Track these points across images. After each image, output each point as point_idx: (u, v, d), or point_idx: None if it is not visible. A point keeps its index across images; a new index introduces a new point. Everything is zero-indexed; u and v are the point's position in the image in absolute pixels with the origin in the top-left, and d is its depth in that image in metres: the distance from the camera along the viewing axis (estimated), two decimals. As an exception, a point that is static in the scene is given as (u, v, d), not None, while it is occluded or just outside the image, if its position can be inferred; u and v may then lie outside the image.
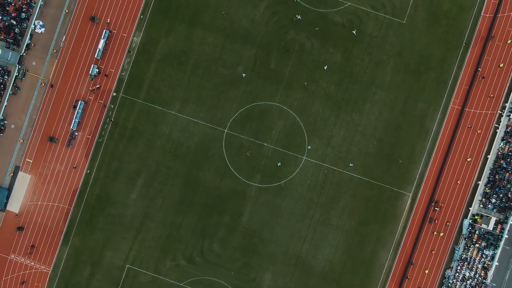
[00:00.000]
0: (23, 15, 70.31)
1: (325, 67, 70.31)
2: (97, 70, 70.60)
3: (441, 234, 70.55)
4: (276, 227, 70.88)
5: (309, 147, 69.80)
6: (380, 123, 70.80)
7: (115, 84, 71.07)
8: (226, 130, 70.88)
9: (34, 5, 70.30)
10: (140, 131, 70.96)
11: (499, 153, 69.77)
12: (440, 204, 70.35)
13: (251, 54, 70.88)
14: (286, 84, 70.85)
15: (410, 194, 70.83)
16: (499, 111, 70.15)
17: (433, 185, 70.79)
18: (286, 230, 70.88)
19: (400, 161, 70.14)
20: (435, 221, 70.44)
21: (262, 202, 70.85)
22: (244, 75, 70.13)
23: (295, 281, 70.84)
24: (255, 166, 70.71)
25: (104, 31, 70.13)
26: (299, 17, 70.21)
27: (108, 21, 70.73)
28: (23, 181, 71.09)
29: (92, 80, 70.87)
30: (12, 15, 70.12)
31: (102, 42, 70.08)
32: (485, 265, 69.70)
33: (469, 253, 70.00)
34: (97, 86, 70.73)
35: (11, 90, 70.50)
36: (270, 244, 70.90)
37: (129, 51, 71.01)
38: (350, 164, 70.29)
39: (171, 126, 70.91)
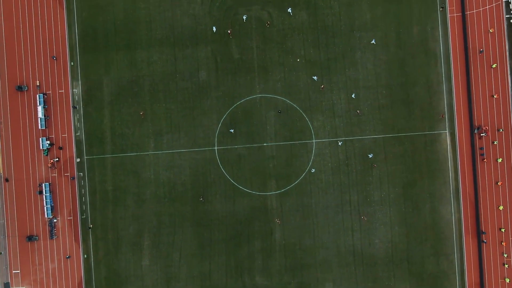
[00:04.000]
0: None
1: (290, 10, 59.33)
2: (48, 142, 59.69)
3: (499, 160, 59.41)
4: (316, 230, 59.76)
5: (312, 170, 59.12)
6: (380, 67, 59.85)
7: (74, 149, 60.16)
8: (216, 147, 59.94)
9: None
10: (123, 188, 59.97)
11: (524, 44, 58.79)
12: (484, 128, 59.27)
13: (207, 52, 60.04)
14: (260, 69, 59.95)
15: (447, 131, 59.76)
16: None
17: (467, 110, 59.73)
18: (328, 228, 59.77)
19: (442, 116, 58.97)
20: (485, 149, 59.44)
21: (288, 209, 59.80)
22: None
23: (361, 279, 59.70)
24: (265, 173, 59.73)
25: (38, 96, 59.30)
26: (242, -10, 59.49)
27: (38, 84, 59.92)
28: (19, 296, 60.13)
29: (47, 155, 59.95)
30: None
31: (40, 109, 59.22)
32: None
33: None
34: (55, 160, 59.81)
35: (-37, 204, 59.66)
36: (316, 251, 59.76)
37: (74, 107, 60.13)
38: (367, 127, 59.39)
39: (154, 168, 59.92)
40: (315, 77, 59.21)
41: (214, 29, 59.41)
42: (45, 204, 59.26)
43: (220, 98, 59.99)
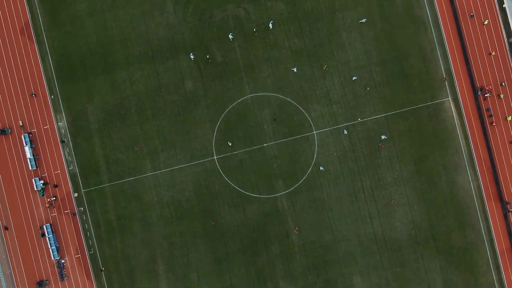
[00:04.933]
0: None
1: (271, 24, 56.89)
2: (42, 182, 57.16)
3: (509, 119, 56.87)
4: (333, 223, 57.18)
5: (321, 168, 56.59)
6: (369, 45, 57.37)
7: (70, 184, 57.62)
8: (215, 157, 57.38)
9: None
10: (127, 215, 57.40)
11: (514, -6, 56.33)
12: (487, 88, 56.75)
13: (189, 61, 57.53)
14: (246, 69, 57.48)
15: (449, 98, 57.24)
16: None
17: (466, 73, 57.25)
18: (345, 219, 57.19)
19: (445, 79, 56.51)
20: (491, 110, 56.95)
21: (301, 207, 57.22)
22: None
23: (388, 266, 57.07)
24: (270, 174, 57.17)
25: (23, 136, 56.82)
26: (214, -10, 57.12)
27: (21, 124, 57.42)
28: None
29: (43, 195, 57.39)
30: None
31: (28, 149, 56.71)
32: None
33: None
34: (52, 199, 57.26)
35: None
36: (337, 245, 57.16)
37: (62, 141, 57.62)
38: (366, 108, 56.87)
39: (156, 189, 57.37)
40: (294, 69, 56.60)
41: (192, 56, 56.80)
42: (49, 246, 56.70)
43: (211, 106, 57.50)
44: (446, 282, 56.74)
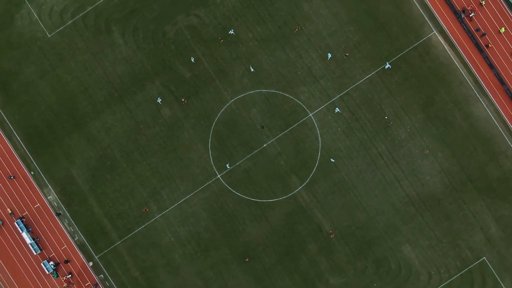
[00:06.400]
0: None
1: (232, 31, 53.20)
2: (52, 263, 53.14)
3: (502, 31, 52.95)
4: (362, 201, 53.10)
5: (332, 160, 52.61)
6: (335, 7, 53.53)
7: (81, 255, 53.61)
8: (219, 175, 53.38)
9: None
10: (150, 267, 53.34)
11: None
12: (469, 8, 52.82)
13: (158, 87, 53.70)
14: (219, 75, 53.61)
15: (434, 31, 53.29)
16: None
17: (443, 1, 53.28)
18: (373, 192, 53.12)
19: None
20: (481, 30, 53.00)
21: (323, 195, 53.17)
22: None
23: (433, 224, 52.92)
24: (281, 173, 53.20)
25: (16, 223, 52.87)
26: (156, 8, 53.35)
27: (10, 211, 53.49)
28: None
29: (57, 276, 53.37)
30: None
31: (26, 235, 52.74)
32: None
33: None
34: (68, 276, 53.20)
35: None
36: (374, 221, 53.07)
37: (58, 214, 53.67)
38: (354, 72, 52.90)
39: (170, 229, 53.35)
40: (252, 69, 52.82)
41: (159, 100, 53.06)
42: (82, 326, 52.67)
43: (196, 125, 53.55)
44: (498, 219, 52.63)
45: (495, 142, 53.07)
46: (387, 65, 52.30)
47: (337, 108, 52.72)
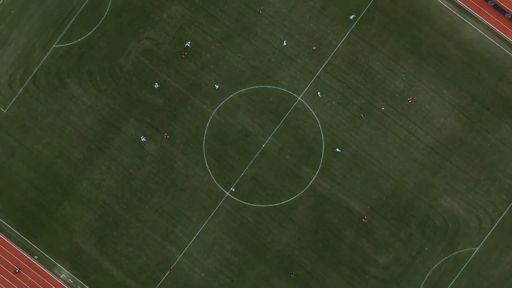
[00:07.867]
0: None
1: (188, 44, 49.35)
2: None
3: None
4: (383, 167, 48.99)
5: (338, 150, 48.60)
6: (284, -20, 49.61)
7: (115, 324, 49.52)
8: (227, 193, 49.39)
9: None
10: (190, 311, 49.29)
11: None
12: None
13: (134, 124, 49.82)
14: (191, 90, 49.75)
15: (396, -32, 49.35)
16: None
17: None
18: (391, 154, 48.99)
19: None
20: None
21: (342, 176, 49.14)
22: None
23: (464, 166, 48.78)
24: (289, 168, 49.25)
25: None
26: (103, 44, 49.44)
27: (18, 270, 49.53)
28: None
29: None
30: None
31: (51, 323, 48.66)
32: None
33: None
34: None
35: None
36: (402, 183, 48.97)
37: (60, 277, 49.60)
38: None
39: (197, 265, 49.31)
40: (216, 85, 49.00)
41: (143, 139, 49.44)
42: None
43: (187, 150, 49.58)
44: (528, 137, 48.68)
45: (497, 59, 49.05)
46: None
47: (319, 93, 48.70)
